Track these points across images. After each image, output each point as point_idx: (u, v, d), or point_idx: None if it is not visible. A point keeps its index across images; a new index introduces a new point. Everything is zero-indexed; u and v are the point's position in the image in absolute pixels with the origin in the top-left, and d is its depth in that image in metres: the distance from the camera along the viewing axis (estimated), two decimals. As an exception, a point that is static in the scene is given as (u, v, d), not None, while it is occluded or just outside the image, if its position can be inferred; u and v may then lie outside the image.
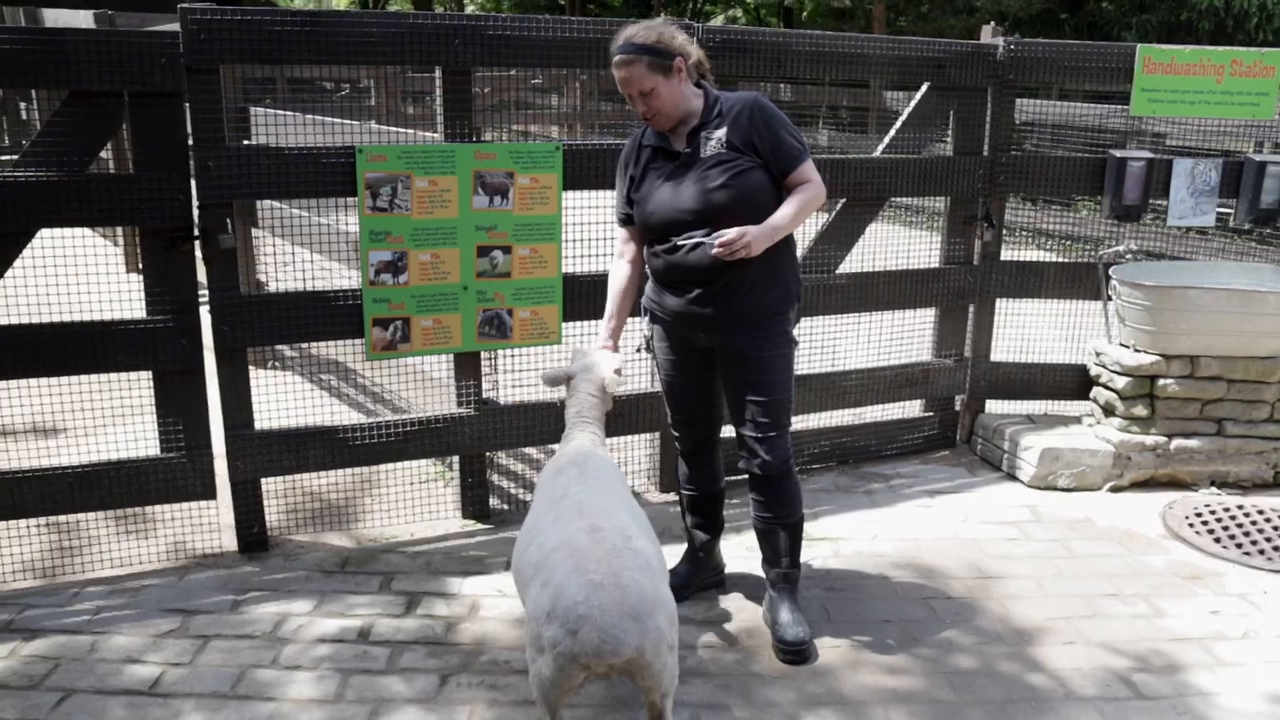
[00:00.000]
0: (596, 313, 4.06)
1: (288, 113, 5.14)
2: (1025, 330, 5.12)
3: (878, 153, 4.65)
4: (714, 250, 3.01)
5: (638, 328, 3.55)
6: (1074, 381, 4.98)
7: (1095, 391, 4.83)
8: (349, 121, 5.17)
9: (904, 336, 4.93)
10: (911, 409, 5.08)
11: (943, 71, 4.53)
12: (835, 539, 4.11)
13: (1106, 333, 4.84)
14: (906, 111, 4.66)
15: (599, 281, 4.06)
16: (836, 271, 4.59)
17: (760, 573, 3.53)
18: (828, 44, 4.33)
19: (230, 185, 3.58)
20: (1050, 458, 4.61)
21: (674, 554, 3.74)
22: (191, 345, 3.67)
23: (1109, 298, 4.79)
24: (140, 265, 3.66)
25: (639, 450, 4.62)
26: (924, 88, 4.62)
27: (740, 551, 3.95)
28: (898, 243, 4.96)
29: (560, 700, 2.49)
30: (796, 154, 3.16)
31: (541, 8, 30.21)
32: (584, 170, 3.95)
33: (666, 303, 3.28)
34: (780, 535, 3.40)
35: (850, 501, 4.47)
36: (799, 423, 4.76)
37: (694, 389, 3.45)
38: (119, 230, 7.87)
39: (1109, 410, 4.72)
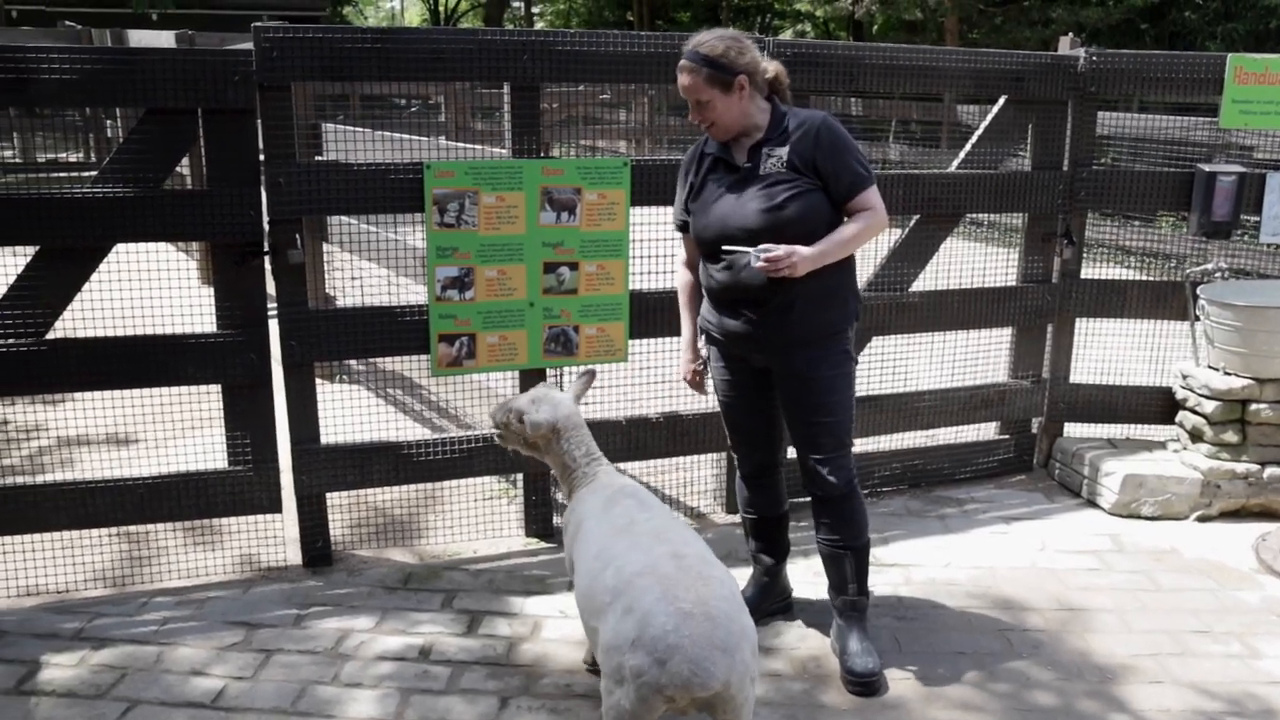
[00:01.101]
0: (663, 330, 4.03)
1: (359, 129, 5.18)
2: (1106, 351, 4.94)
3: (953, 168, 4.53)
4: (757, 264, 2.96)
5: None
6: (1158, 405, 4.79)
7: (1181, 416, 4.65)
8: (418, 138, 5.20)
9: (979, 356, 4.79)
10: (986, 431, 4.93)
11: (1021, 84, 4.40)
12: (907, 565, 3.99)
13: (1194, 354, 4.65)
14: (983, 125, 4.54)
15: (666, 298, 4.01)
16: (909, 289, 4.47)
17: (828, 598, 3.43)
18: (902, 57, 4.24)
19: (300, 201, 3.60)
20: (1133, 484, 4.44)
21: (739, 578, 3.66)
22: (260, 359, 3.69)
23: (1197, 318, 4.61)
24: (212, 279, 3.69)
25: (704, 470, 4.55)
26: (1001, 101, 4.50)
27: (808, 576, 3.85)
28: (973, 260, 4.83)
29: None
30: (860, 180, 3.10)
31: (610, 23, 30.41)
32: (652, 186, 3.90)
33: (722, 323, 3.24)
34: (847, 560, 3.31)
35: (922, 526, 4.35)
36: (869, 444, 4.65)
37: (752, 410, 3.38)
38: (194, 243, 8.03)
39: (1196, 435, 4.53)
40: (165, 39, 8.66)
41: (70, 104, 7.15)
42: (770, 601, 3.60)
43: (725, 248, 3.10)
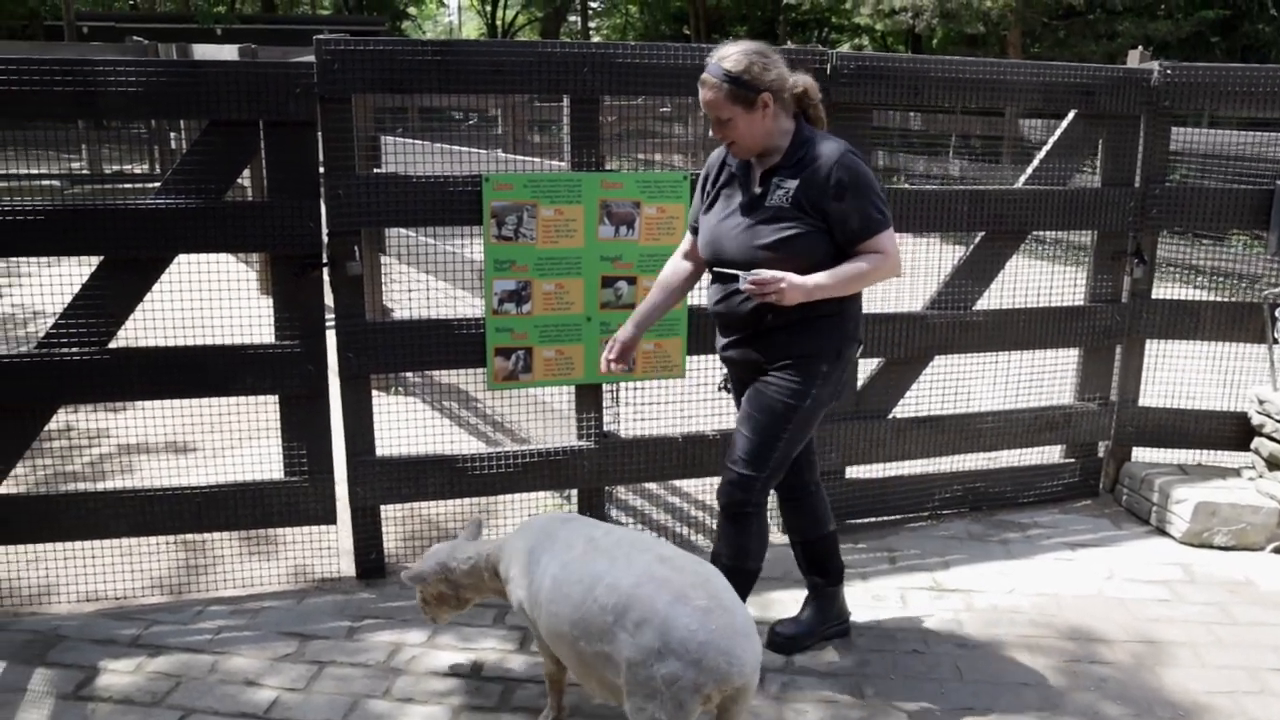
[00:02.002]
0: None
1: (416, 141, 5.20)
2: (1177, 373, 4.79)
3: (1020, 183, 4.42)
4: (744, 285, 2.89)
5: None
6: (1232, 430, 4.63)
7: (1257, 442, 4.48)
8: (476, 150, 5.20)
9: (1044, 377, 4.67)
10: (1050, 454, 4.80)
11: (1091, 98, 4.29)
12: (968, 591, 3.88)
13: (1272, 379, 4.49)
14: (1051, 140, 4.43)
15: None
16: (973, 308, 4.37)
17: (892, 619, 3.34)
18: (968, 70, 4.15)
19: (359, 213, 3.60)
20: (1205, 513, 4.28)
21: (795, 599, 3.59)
22: (317, 371, 3.70)
23: (1275, 340, 4.45)
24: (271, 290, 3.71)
25: (761, 489, 4.47)
26: (1070, 115, 4.39)
27: (865, 600, 3.77)
28: (1037, 278, 4.72)
29: None
30: (872, 224, 2.96)
31: (666, 38, 30.48)
32: (711, 200, 3.85)
33: (719, 343, 3.24)
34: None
35: (984, 551, 4.23)
36: (929, 465, 4.56)
37: None
38: (254, 254, 8.13)
39: (1274, 463, 4.37)
40: (228, 53, 8.79)
41: (137, 116, 7.27)
42: (827, 625, 3.52)
43: (717, 268, 3.06)
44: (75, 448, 5.14)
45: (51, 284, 3.98)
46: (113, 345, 3.59)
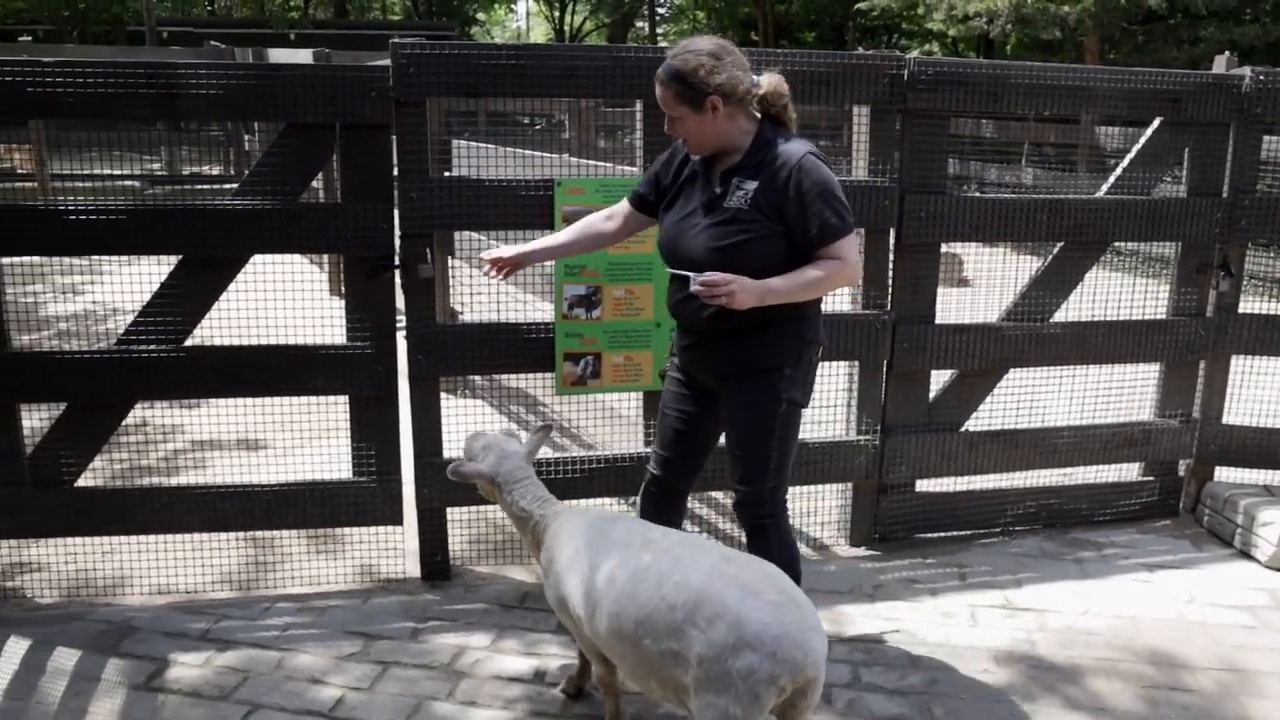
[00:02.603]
0: (791, 355, 3.92)
1: (487, 145, 5.22)
2: (1264, 391, 4.62)
3: (1101, 192, 4.31)
4: (694, 286, 2.81)
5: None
6: (1322, 451, 4.46)
7: (1348, 464, 4.31)
8: (546, 154, 5.21)
9: (1123, 392, 4.54)
10: (1128, 472, 4.65)
11: (1178, 105, 4.16)
12: (1041, 610, 3.78)
13: (1364, 398, 4.32)
14: (1136, 148, 4.31)
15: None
16: (1050, 320, 4.26)
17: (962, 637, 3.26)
18: (1049, 77, 4.05)
19: (432, 216, 3.62)
20: (1293, 536, 4.13)
21: (863, 612, 3.53)
22: (387, 372, 3.72)
23: (1368, 359, 4.28)
24: (343, 291, 3.74)
25: (828, 500, 4.41)
26: (1155, 123, 4.26)
27: (934, 616, 3.68)
28: (1117, 291, 4.59)
29: None
30: (832, 229, 2.85)
31: (734, 43, 30.35)
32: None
33: (675, 338, 3.21)
34: None
35: (1058, 569, 4.12)
36: (1002, 480, 4.46)
37: (682, 422, 3.21)
38: (324, 255, 8.24)
39: (1365, 486, 4.20)
40: (302, 57, 8.93)
41: (217, 118, 7.41)
42: None
43: (670, 269, 3.00)
44: (151, 442, 5.24)
45: (129, 282, 4.07)
46: (188, 343, 3.65)
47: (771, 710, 2.40)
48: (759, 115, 2.97)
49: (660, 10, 41.70)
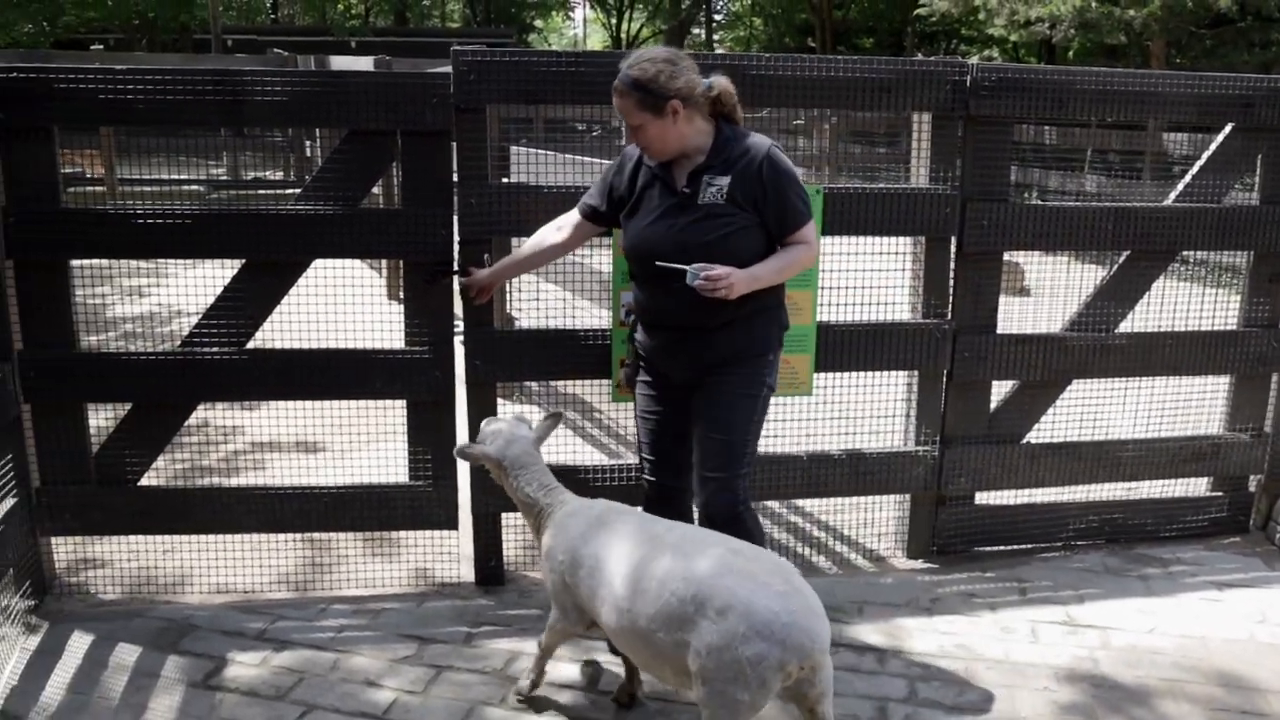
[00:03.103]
0: (850, 363, 3.91)
1: (545, 151, 5.24)
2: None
3: (1170, 200, 4.20)
4: (695, 283, 2.90)
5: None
6: (1400, 468, 4.31)
7: None
8: (603, 160, 5.21)
9: (1190, 406, 4.42)
10: (1196, 487, 4.53)
11: (1251, 111, 4.04)
12: (1104, 628, 3.69)
13: None
14: (1206, 154, 4.20)
15: (856, 332, 3.89)
16: (1115, 330, 4.17)
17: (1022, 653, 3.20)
18: (1116, 82, 3.96)
19: (491, 221, 3.63)
20: (1369, 555, 3.99)
21: (922, 626, 3.47)
22: (444, 377, 3.74)
23: None
24: (400, 295, 3.77)
25: (885, 512, 4.35)
26: (1227, 129, 4.15)
27: (994, 631, 3.61)
28: (1185, 301, 4.48)
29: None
30: (799, 216, 3.05)
31: (791, 49, 30.27)
32: (845, 215, 3.77)
33: (646, 339, 3.25)
34: None
35: (1121, 586, 4.02)
36: (1063, 494, 4.37)
37: (665, 429, 3.30)
38: (381, 260, 8.32)
39: None
40: (364, 64, 9.05)
41: (281, 124, 7.51)
42: None
43: (660, 263, 3.00)
44: (211, 443, 5.32)
45: (192, 285, 4.14)
46: (250, 346, 3.70)
47: (787, 700, 2.56)
48: (711, 117, 3.08)
49: (716, 17, 41.70)
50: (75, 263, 3.73)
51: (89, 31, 24.06)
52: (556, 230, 3.40)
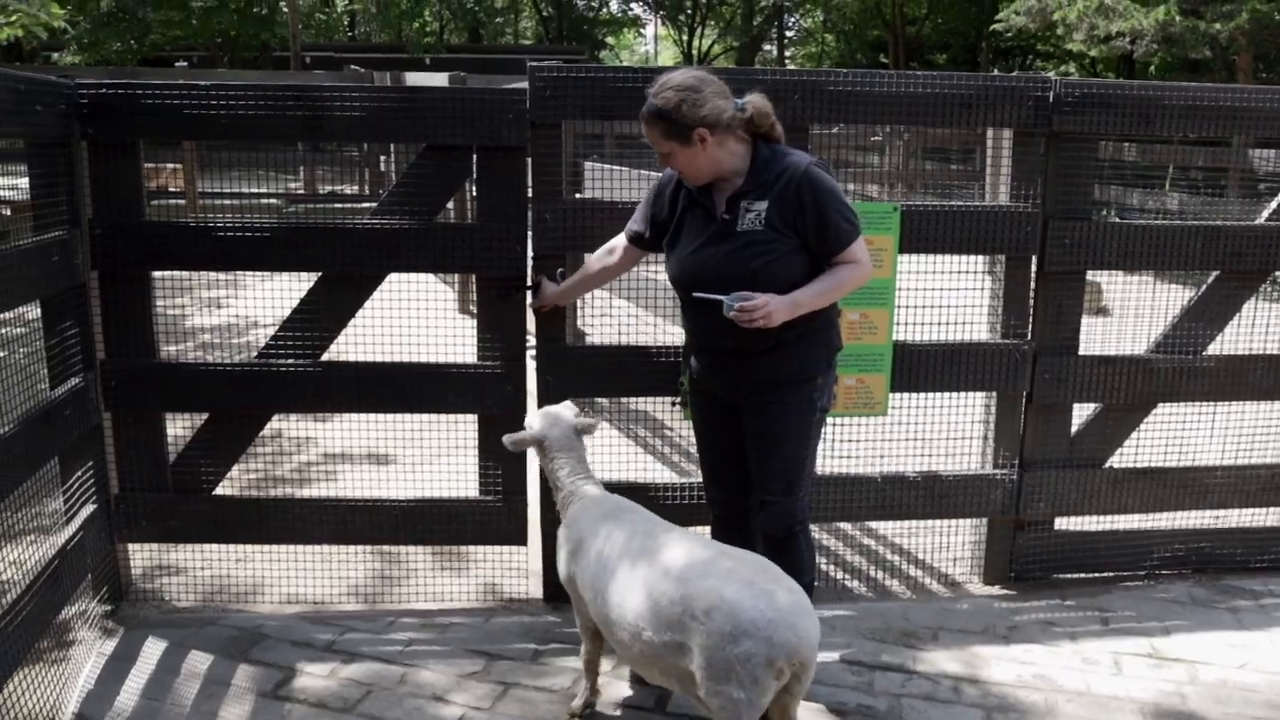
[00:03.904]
0: (927, 384, 3.83)
1: (617, 167, 5.23)
2: None
3: (1262, 219, 4.05)
4: (730, 314, 2.84)
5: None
6: None
7: None
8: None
9: (1283, 432, 4.26)
10: (1289, 517, 4.36)
11: (1349, 127, 3.89)
12: (1192, 661, 3.55)
13: None
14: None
15: (932, 352, 3.80)
16: (1203, 353, 4.02)
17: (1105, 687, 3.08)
18: (1205, 97, 3.83)
19: (565, 237, 3.63)
20: None
21: (999, 654, 3.36)
22: (516, 392, 3.74)
23: None
24: (472, 310, 3.78)
25: (960, 535, 4.24)
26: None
27: (1074, 662, 3.49)
28: (1276, 323, 4.31)
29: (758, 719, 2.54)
30: (844, 235, 2.93)
31: (863, 66, 30.04)
32: (922, 233, 3.70)
33: (693, 362, 3.21)
34: None
35: (1210, 619, 3.87)
36: (1147, 521, 4.23)
37: (722, 448, 3.27)
38: (454, 274, 8.38)
39: None
40: (439, 81, 9.15)
41: (359, 139, 7.62)
42: None
43: (696, 294, 2.95)
44: (284, 453, 5.39)
45: (268, 296, 4.19)
46: (324, 358, 3.73)
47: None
48: (748, 137, 2.98)
49: (788, 33, 41.60)
50: (156, 274, 3.80)
51: (174, 49, 24.76)
52: (608, 254, 3.39)
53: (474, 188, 3.68)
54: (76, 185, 3.47)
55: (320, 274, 3.71)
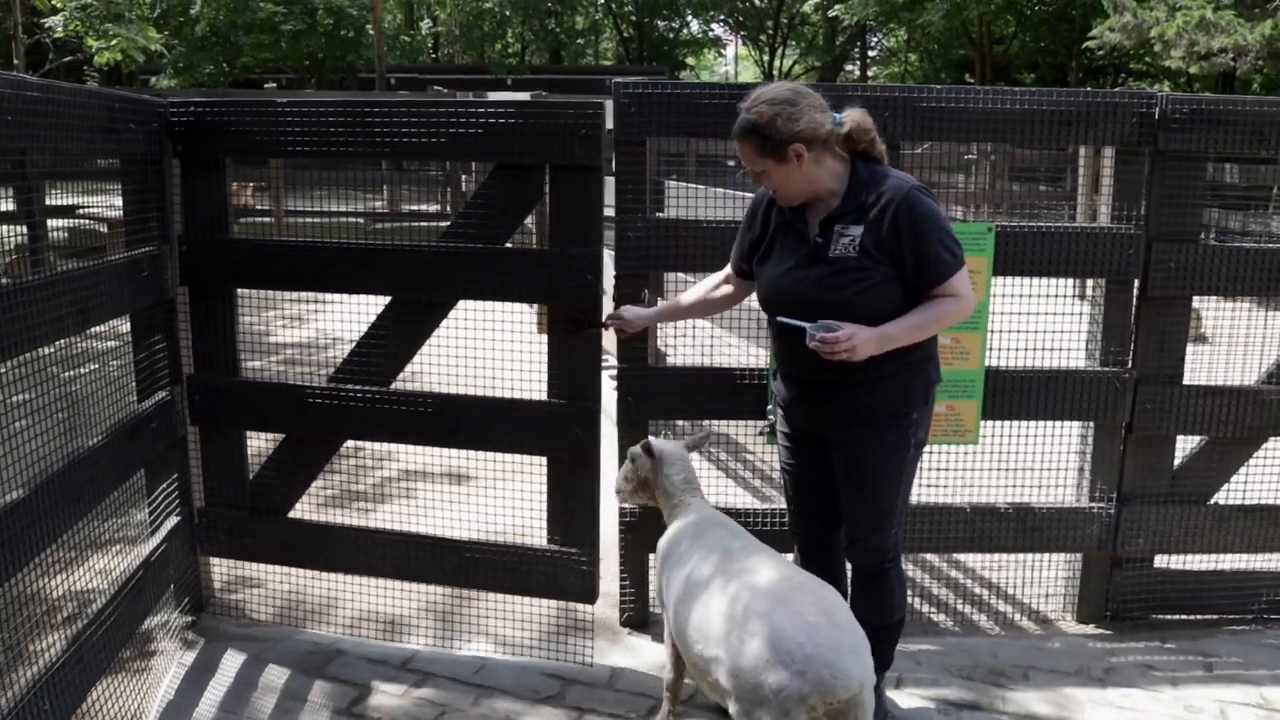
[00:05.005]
0: (1020, 412, 3.69)
1: (698, 186, 5.17)
2: None
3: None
4: (812, 343, 2.68)
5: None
6: None
7: None
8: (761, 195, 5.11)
9: None
10: None
11: None
12: (1308, 714, 3.34)
13: None
14: None
15: (1027, 379, 3.66)
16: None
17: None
18: (1326, 115, 3.63)
19: (648, 256, 3.56)
20: None
21: (1093, 697, 3.19)
22: (587, 435, 3.49)
23: None
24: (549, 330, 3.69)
25: (1053, 570, 4.06)
26: None
27: (1177, 710, 3.31)
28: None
29: None
30: (945, 267, 2.74)
31: (945, 81, 29.62)
32: (1017, 254, 3.56)
33: (780, 389, 3.06)
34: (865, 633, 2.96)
35: (1328, 668, 3.64)
36: (1256, 561, 4.01)
37: (807, 481, 3.13)
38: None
39: None
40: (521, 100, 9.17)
41: (423, 158, 7.58)
42: None
43: (780, 319, 2.81)
44: (363, 468, 5.40)
45: (351, 312, 4.19)
46: (396, 385, 3.61)
47: None
48: (846, 155, 2.82)
49: (871, 53, 41.30)
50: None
51: (264, 72, 25.47)
52: (724, 281, 3.25)
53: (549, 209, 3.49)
54: (167, 202, 3.51)
55: (390, 298, 3.59)
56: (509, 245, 3.54)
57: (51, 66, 17.73)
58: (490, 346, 3.83)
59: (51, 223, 10.20)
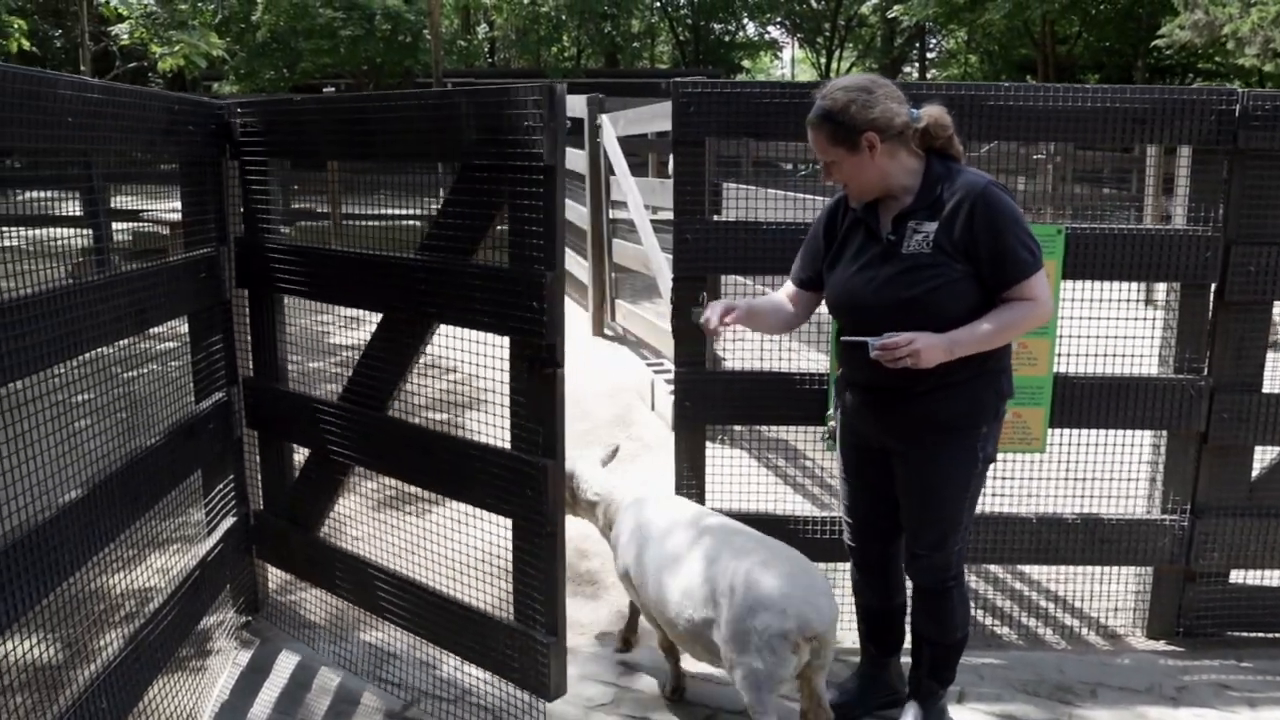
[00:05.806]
0: (1089, 419, 3.58)
1: (754, 187, 5.10)
2: None
3: None
4: (874, 352, 2.60)
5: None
6: None
7: None
8: (819, 197, 5.02)
9: None
10: None
11: None
12: (1394, 739, 3.18)
13: None
14: None
15: (1097, 386, 3.55)
16: None
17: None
18: None
19: (707, 258, 3.51)
20: None
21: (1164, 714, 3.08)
22: (537, 498, 2.83)
23: None
24: (607, 332, 3.66)
25: (1122, 584, 3.93)
26: None
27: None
28: None
29: (778, 690, 2.73)
30: (1023, 267, 2.62)
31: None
32: (1087, 258, 3.45)
33: (844, 397, 2.98)
34: (924, 649, 3.06)
35: None
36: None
37: (867, 494, 3.05)
38: (589, 293, 8.36)
39: None
40: (576, 104, 9.14)
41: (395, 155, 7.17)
42: (875, 697, 3.27)
43: (844, 338, 2.78)
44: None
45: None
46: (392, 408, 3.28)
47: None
48: (922, 152, 2.72)
49: (930, 54, 40.84)
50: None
51: (323, 77, 25.79)
52: (789, 298, 3.08)
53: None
54: (225, 203, 3.52)
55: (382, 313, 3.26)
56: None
57: (117, 73, 18.12)
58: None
59: (116, 226, 10.39)
